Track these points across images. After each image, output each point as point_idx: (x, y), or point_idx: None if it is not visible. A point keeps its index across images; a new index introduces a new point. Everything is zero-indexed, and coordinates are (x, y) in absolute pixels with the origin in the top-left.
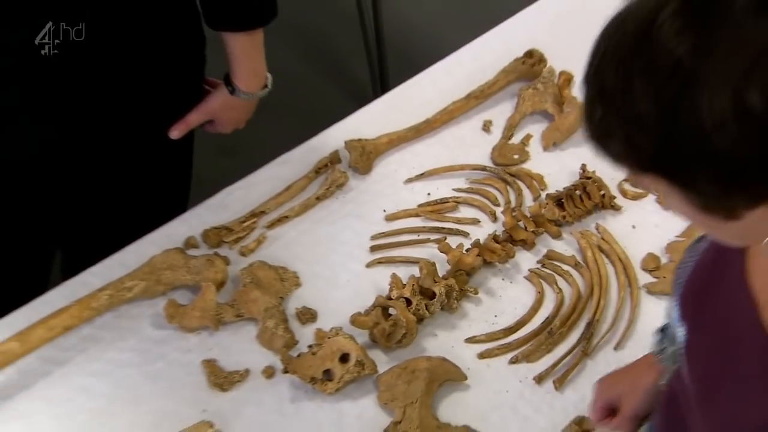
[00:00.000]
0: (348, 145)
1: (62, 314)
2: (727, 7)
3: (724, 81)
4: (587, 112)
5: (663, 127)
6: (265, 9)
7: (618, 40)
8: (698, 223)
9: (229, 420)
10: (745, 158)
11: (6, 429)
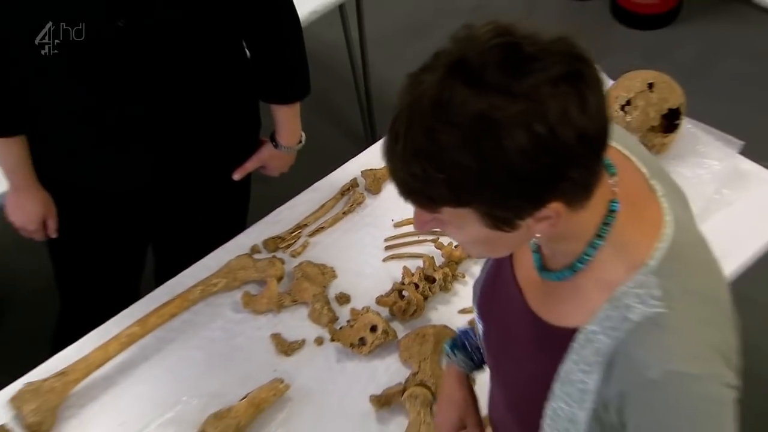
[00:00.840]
0: (364, 174)
1: (169, 305)
2: (500, 67)
3: (515, 120)
4: (401, 173)
5: (479, 166)
6: (302, 89)
7: (419, 113)
8: (483, 241)
9: (293, 377)
10: (536, 177)
11: (133, 391)
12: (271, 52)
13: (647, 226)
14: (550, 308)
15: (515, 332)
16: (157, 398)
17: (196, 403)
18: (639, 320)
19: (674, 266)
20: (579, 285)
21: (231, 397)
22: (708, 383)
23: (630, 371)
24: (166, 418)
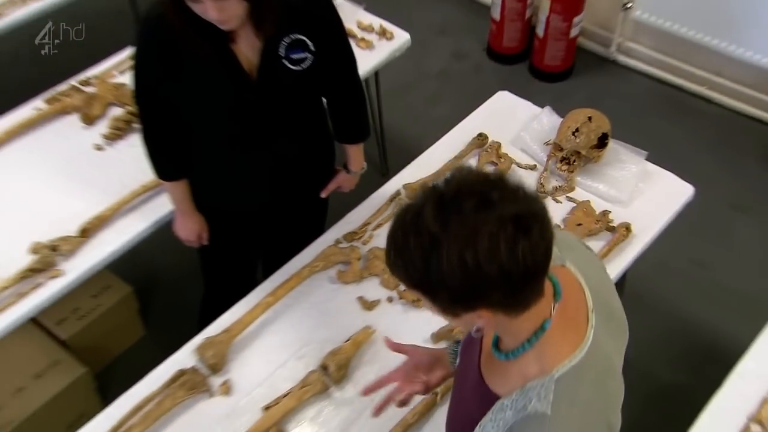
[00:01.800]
0: (404, 186)
1: (289, 281)
2: (461, 205)
3: (453, 246)
4: (387, 254)
5: (424, 269)
6: (365, 133)
7: (402, 220)
8: (443, 316)
9: (375, 325)
10: (463, 291)
11: (272, 339)
12: (347, 110)
13: (567, 346)
14: (489, 375)
15: (469, 378)
16: (288, 344)
17: (314, 346)
18: (530, 412)
19: (571, 381)
20: (509, 368)
21: (337, 340)
22: None
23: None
24: (296, 356)
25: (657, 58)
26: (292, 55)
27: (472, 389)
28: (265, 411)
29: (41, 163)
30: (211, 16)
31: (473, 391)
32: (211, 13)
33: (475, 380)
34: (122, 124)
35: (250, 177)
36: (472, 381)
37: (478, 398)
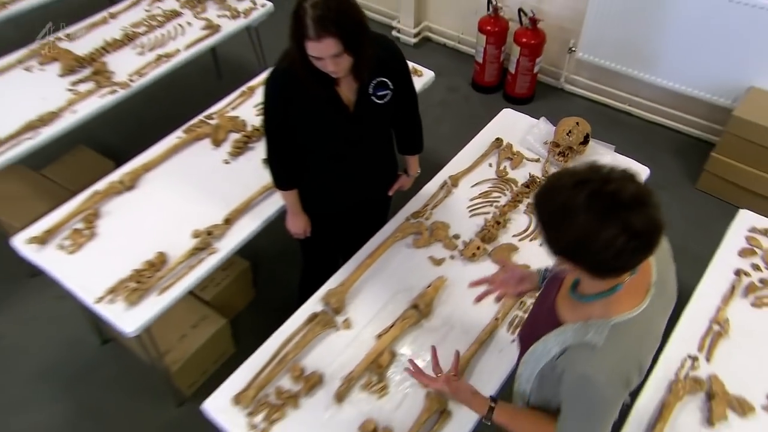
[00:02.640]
0: (449, 177)
1: (379, 250)
2: (608, 199)
3: (585, 224)
4: (537, 219)
5: (560, 223)
6: (421, 147)
7: (561, 185)
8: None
9: (445, 275)
10: (574, 252)
11: (375, 289)
12: (410, 130)
13: (626, 305)
14: (561, 305)
15: (546, 303)
16: (386, 291)
17: (405, 292)
18: (585, 340)
19: (618, 331)
20: (578, 306)
21: (419, 287)
22: (605, 392)
23: (569, 361)
24: (393, 299)
25: (593, 85)
26: (378, 92)
27: (546, 311)
28: (377, 338)
29: (188, 174)
30: (330, 69)
31: (546, 313)
32: (330, 67)
33: (549, 306)
34: (241, 145)
35: (346, 182)
36: (547, 306)
37: (548, 319)
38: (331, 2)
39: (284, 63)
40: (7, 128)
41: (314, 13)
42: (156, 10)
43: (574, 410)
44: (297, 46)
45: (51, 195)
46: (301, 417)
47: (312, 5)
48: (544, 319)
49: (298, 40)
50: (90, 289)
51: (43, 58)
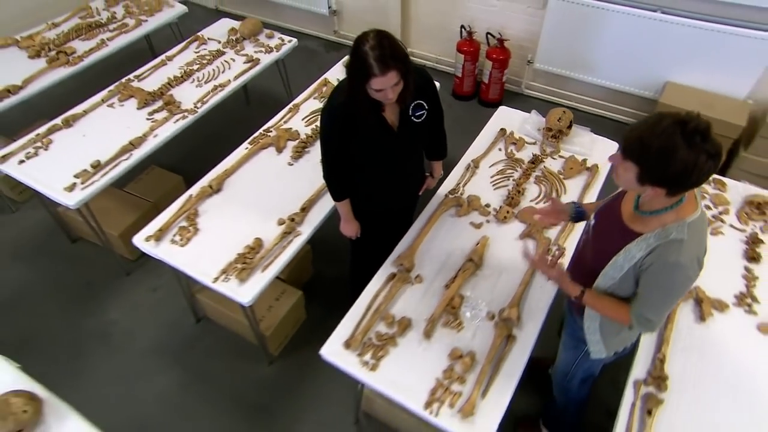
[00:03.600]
0: (473, 161)
1: (430, 221)
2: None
3: (682, 155)
4: (636, 152)
5: (657, 155)
6: (445, 154)
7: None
8: (628, 180)
9: (488, 235)
10: (664, 177)
11: (430, 255)
12: (438, 141)
13: (689, 211)
14: (631, 222)
15: (611, 227)
16: (443, 251)
17: (458, 251)
18: (671, 239)
19: (692, 227)
20: (649, 220)
21: (468, 246)
22: (689, 272)
23: (659, 257)
24: (451, 257)
25: (547, 89)
26: (416, 113)
27: (615, 234)
28: (446, 288)
29: (261, 176)
30: (389, 97)
31: (616, 235)
32: (389, 95)
33: (618, 226)
34: (300, 149)
35: (392, 188)
36: (616, 227)
37: (620, 237)
38: (384, 42)
39: (338, 99)
40: (106, 153)
41: (375, 54)
42: (203, 51)
43: (659, 290)
44: (359, 83)
45: (136, 206)
46: (400, 352)
47: (371, 48)
48: (614, 239)
49: (363, 79)
50: (205, 273)
51: (121, 96)
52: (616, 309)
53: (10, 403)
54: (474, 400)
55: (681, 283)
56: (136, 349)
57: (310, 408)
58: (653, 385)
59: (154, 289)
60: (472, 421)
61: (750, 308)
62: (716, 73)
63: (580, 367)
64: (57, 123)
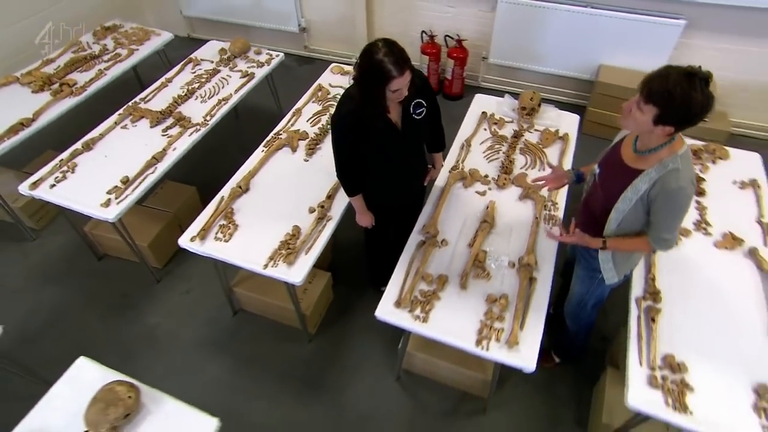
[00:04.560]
0: (467, 140)
1: (444, 194)
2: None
3: (694, 97)
4: (662, 97)
5: (676, 97)
6: (444, 146)
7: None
8: (642, 123)
9: (494, 199)
10: (677, 117)
11: (449, 221)
12: (437, 135)
13: (679, 144)
14: (632, 162)
15: (615, 173)
16: (459, 218)
17: (472, 215)
18: (669, 169)
19: (683, 158)
20: (648, 158)
21: (478, 211)
22: (688, 191)
23: (662, 185)
24: (467, 222)
25: (500, 80)
26: (416, 111)
27: (619, 176)
28: (469, 246)
29: (283, 173)
30: (404, 94)
31: (621, 176)
32: (404, 92)
33: (622, 169)
34: (312, 146)
35: (399, 182)
36: (620, 175)
37: (625, 176)
38: (394, 48)
39: (348, 107)
40: (132, 169)
41: (391, 59)
42: (199, 71)
43: (669, 213)
44: (377, 88)
45: (158, 219)
46: (444, 304)
47: (384, 54)
48: (620, 180)
49: (382, 83)
50: (254, 262)
51: (133, 117)
52: (636, 243)
53: (116, 391)
54: (516, 332)
55: (684, 203)
56: (182, 346)
57: (352, 375)
58: (650, 299)
59: (187, 291)
60: (517, 350)
61: (706, 231)
62: (638, 54)
63: (593, 295)
64: (78, 147)
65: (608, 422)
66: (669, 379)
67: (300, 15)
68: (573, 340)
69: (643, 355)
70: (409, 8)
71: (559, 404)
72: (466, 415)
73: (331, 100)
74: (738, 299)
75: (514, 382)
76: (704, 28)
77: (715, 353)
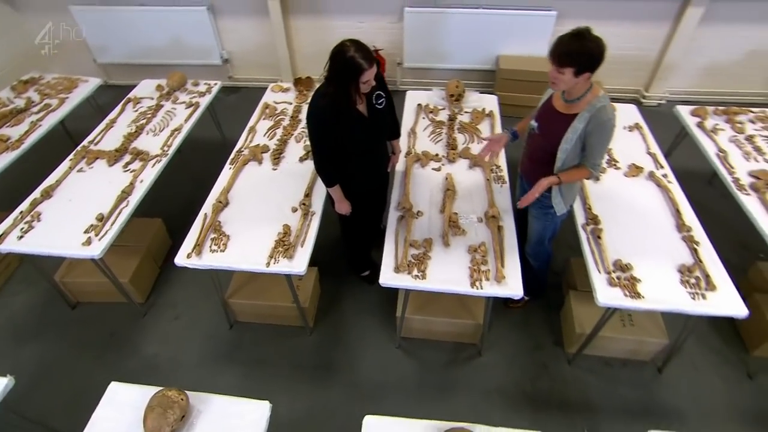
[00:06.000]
0: (409, 132)
1: (408, 169)
2: (589, 34)
3: (594, 45)
4: (570, 57)
5: (581, 51)
6: (400, 133)
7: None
8: (566, 81)
9: (449, 172)
10: (588, 65)
11: (418, 192)
12: (393, 123)
13: (598, 90)
14: (565, 110)
15: (552, 122)
16: (425, 191)
17: (435, 187)
18: (599, 107)
19: (604, 98)
20: (577, 103)
21: (440, 182)
22: (614, 121)
23: (595, 120)
24: (432, 192)
25: (416, 81)
26: (378, 101)
27: (558, 123)
28: (441, 213)
29: (257, 183)
30: (372, 84)
31: (559, 123)
32: (372, 83)
33: (559, 117)
34: (277, 156)
35: (372, 168)
36: (558, 122)
37: (563, 122)
38: (360, 45)
39: (321, 103)
40: (103, 207)
41: (361, 54)
42: (142, 108)
43: (601, 142)
44: (350, 81)
45: (132, 254)
46: (435, 261)
47: (355, 50)
48: (559, 127)
49: (355, 76)
50: (254, 263)
51: (88, 160)
52: (579, 172)
53: (168, 396)
54: (500, 269)
55: (611, 131)
56: (187, 367)
57: (358, 353)
58: (592, 223)
59: (176, 317)
60: (505, 283)
61: (616, 166)
62: (526, 42)
63: (549, 229)
64: (36, 197)
65: (581, 331)
66: (622, 278)
67: (221, 47)
68: (538, 276)
69: (599, 264)
70: (324, 28)
71: (537, 333)
72: (465, 361)
73: (280, 114)
74: (650, 209)
75: (496, 327)
76: (571, 16)
77: (646, 250)
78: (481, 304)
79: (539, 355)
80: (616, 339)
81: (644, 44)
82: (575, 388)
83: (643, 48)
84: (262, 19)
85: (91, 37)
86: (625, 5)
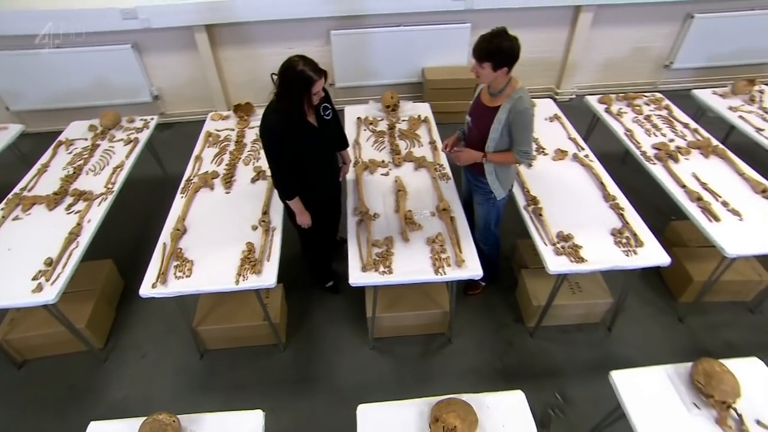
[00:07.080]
0: (353, 145)
1: (359, 177)
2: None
3: (510, 43)
4: (488, 53)
5: (496, 50)
6: (347, 143)
7: (488, 43)
8: (487, 75)
9: (398, 175)
10: (505, 61)
11: (373, 197)
12: (340, 134)
13: (516, 84)
14: (491, 103)
15: (481, 115)
16: (377, 195)
17: (389, 187)
18: (516, 98)
19: (522, 90)
20: (499, 97)
21: (390, 186)
22: (531, 111)
23: (514, 110)
24: (384, 195)
25: (349, 99)
26: (325, 112)
27: (486, 115)
28: (396, 212)
29: (212, 207)
30: (321, 94)
31: (487, 116)
32: (321, 94)
33: (486, 111)
34: (228, 179)
35: (328, 176)
36: (485, 115)
37: (490, 115)
38: (307, 59)
39: (273, 119)
40: (52, 251)
41: (309, 67)
42: (76, 150)
43: (522, 129)
44: (302, 94)
45: (85, 299)
46: (398, 257)
47: (304, 64)
48: (487, 120)
49: (306, 88)
50: (223, 282)
51: (24, 206)
52: (506, 156)
53: (160, 420)
54: (459, 255)
55: (530, 119)
56: (160, 404)
57: (334, 361)
58: (532, 204)
59: (142, 356)
60: (465, 266)
61: (544, 152)
62: (447, 54)
63: (493, 214)
64: None
65: (537, 304)
66: (566, 247)
67: (150, 84)
68: (490, 261)
69: (544, 238)
70: (253, 57)
71: (498, 315)
72: (438, 349)
73: (224, 141)
74: (578, 185)
75: (461, 314)
76: (484, 27)
77: (582, 221)
78: (445, 292)
79: (504, 334)
80: (568, 306)
81: (550, 47)
82: (540, 358)
83: (550, 50)
84: (190, 53)
85: (2, 82)
86: (529, 14)
